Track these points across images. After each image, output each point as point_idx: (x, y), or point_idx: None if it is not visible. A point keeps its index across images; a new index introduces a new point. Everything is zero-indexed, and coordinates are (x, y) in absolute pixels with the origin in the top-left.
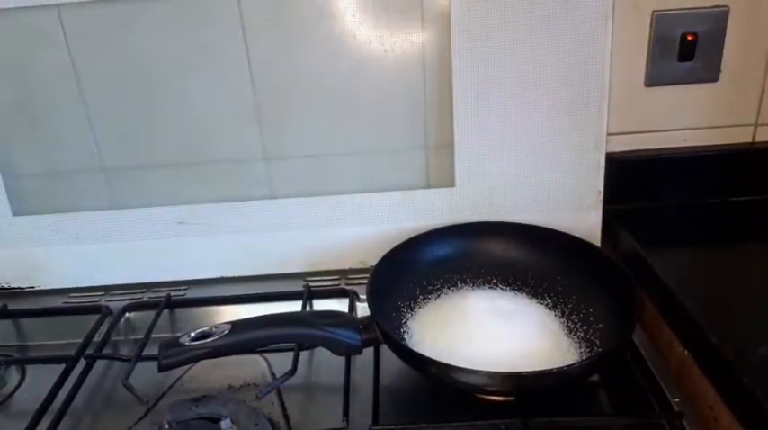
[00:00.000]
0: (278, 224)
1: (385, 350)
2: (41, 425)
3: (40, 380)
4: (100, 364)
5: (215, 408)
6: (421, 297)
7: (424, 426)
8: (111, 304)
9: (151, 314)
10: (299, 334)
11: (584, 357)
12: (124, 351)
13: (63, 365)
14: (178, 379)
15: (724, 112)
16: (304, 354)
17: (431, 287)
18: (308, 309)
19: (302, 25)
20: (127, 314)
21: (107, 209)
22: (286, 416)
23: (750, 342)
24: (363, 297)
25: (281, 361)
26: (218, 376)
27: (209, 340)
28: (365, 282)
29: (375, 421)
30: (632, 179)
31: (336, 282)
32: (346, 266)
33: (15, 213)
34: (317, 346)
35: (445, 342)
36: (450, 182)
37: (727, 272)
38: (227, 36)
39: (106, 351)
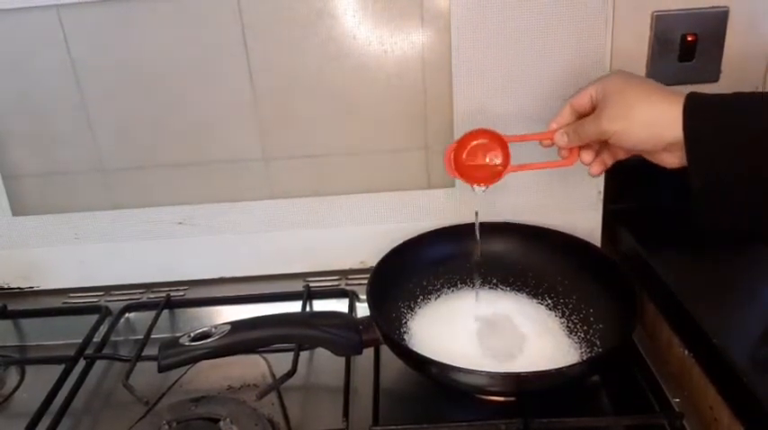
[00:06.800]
0: (278, 224)
1: (385, 350)
2: (41, 426)
3: (40, 380)
4: (100, 364)
5: (215, 409)
6: (421, 297)
7: (425, 426)
8: (110, 304)
9: (151, 314)
10: (299, 334)
11: (584, 357)
12: (124, 351)
13: (63, 365)
14: (178, 379)
15: None
16: (304, 355)
17: (431, 287)
18: (307, 309)
19: (302, 25)
20: (126, 314)
21: (107, 209)
22: (286, 417)
23: (750, 342)
24: (363, 297)
25: (281, 361)
26: (218, 376)
27: (208, 340)
28: (365, 282)
29: (375, 421)
30: (632, 179)
31: (336, 283)
32: (346, 266)
33: (15, 213)
34: (317, 347)
35: (446, 342)
36: (450, 182)
37: (727, 272)
38: (227, 36)
39: (106, 351)
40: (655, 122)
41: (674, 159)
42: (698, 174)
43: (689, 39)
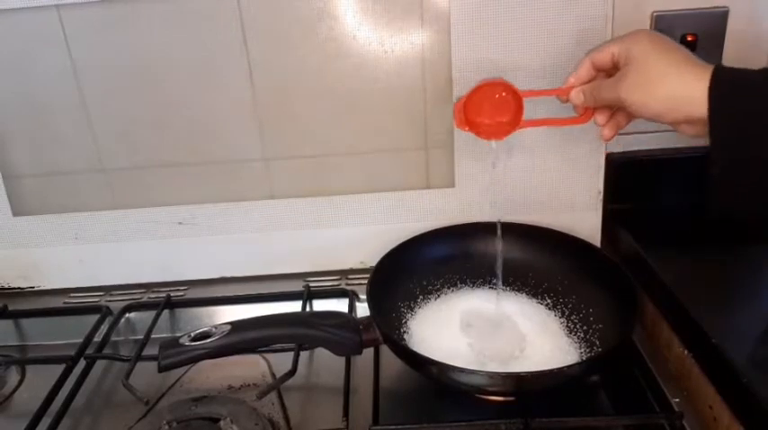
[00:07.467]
0: (278, 224)
1: (385, 350)
2: (41, 426)
3: (40, 380)
4: (100, 364)
5: (215, 408)
6: (421, 297)
7: (425, 426)
8: (111, 304)
9: (151, 314)
10: (299, 334)
11: (583, 357)
12: (124, 351)
13: (63, 365)
14: (178, 379)
15: None
16: (304, 354)
17: (431, 287)
18: (307, 309)
19: (302, 25)
20: (127, 314)
21: (107, 209)
22: (286, 417)
23: (749, 342)
24: (363, 297)
25: (281, 361)
26: (218, 376)
27: (208, 340)
28: (365, 282)
29: (375, 421)
30: (632, 179)
31: (336, 282)
32: (346, 266)
33: (15, 213)
34: (317, 347)
35: (446, 342)
36: (450, 182)
37: (727, 271)
38: (227, 36)
39: (106, 351)
40: (677, 97)
41: (693, 131)
42: (720, 158)
43: (689, 39)
